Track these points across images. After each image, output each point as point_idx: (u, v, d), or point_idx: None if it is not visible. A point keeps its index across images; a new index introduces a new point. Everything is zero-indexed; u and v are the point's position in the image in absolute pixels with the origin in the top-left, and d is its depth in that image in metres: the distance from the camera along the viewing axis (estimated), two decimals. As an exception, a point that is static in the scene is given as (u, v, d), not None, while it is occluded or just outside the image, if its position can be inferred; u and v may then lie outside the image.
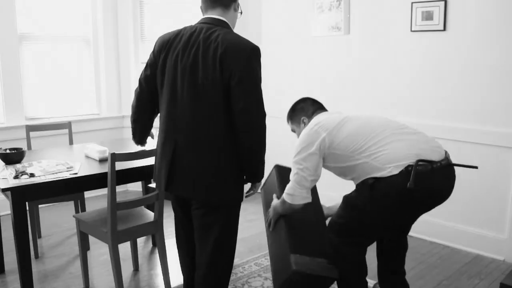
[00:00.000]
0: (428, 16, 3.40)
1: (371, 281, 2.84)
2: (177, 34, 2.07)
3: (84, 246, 2.83)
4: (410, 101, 3.61)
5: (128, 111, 4.88)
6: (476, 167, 2.28)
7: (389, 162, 2.06)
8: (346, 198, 2.28)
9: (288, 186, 2.27)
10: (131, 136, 2.32)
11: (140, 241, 3.59)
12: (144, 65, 2.18)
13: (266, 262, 3.19)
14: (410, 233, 3.64)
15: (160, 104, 2.14)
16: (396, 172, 2.03)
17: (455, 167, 2.21)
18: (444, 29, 3.36)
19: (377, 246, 2.50)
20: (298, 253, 2.27)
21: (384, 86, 3.76)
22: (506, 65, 3.12)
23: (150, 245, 3.53)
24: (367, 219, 2.17)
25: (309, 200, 2.26)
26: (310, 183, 2.23)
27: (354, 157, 2.15)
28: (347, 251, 2.26)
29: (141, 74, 2.19)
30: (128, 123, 4.77)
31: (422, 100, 3.57)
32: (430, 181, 2.05)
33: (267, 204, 2.58)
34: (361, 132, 2.17)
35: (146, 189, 3.45)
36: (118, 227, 2.57)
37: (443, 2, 3.32)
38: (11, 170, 2.59)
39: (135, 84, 4.87)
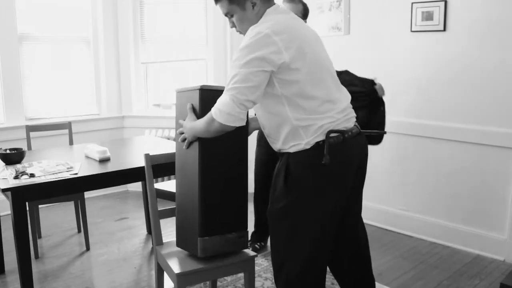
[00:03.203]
0: (428, 16, 3.41)
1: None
2: None
3: (161, 281, 2.41)
4: (410, 101, 3.61)
5: (127, 111, 4.89)
6: (384, 132, 2.35)
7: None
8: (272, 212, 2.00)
9: (222, 101, 1.81)
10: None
11: (140, 240, 3.60)
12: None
13: (266, 262, 3.19)
14: (410, 233, 3.67)
15: None
16: (308, 147, 1.86)
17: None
18: (444, 29, 3.36)
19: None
20: (207, 235, 2.08)
21: (383, 86, 3.75)
22: (506, 65, 3.12)
23: (150, 245, 3.53)
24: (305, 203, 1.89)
25: (244, 123, 1.85)
26: (253, 103, 1.83)
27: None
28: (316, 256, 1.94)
29: None
30: (127, 123, 4.80)
31: (421, 100, 3.57)
32: (344, 153, 1.88)
33: (181, 113, 2.19)
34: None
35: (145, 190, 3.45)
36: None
37: (443, 2, 3.32)
38: (11, 170, 2.60)
39: (135, 84, 4.89)
